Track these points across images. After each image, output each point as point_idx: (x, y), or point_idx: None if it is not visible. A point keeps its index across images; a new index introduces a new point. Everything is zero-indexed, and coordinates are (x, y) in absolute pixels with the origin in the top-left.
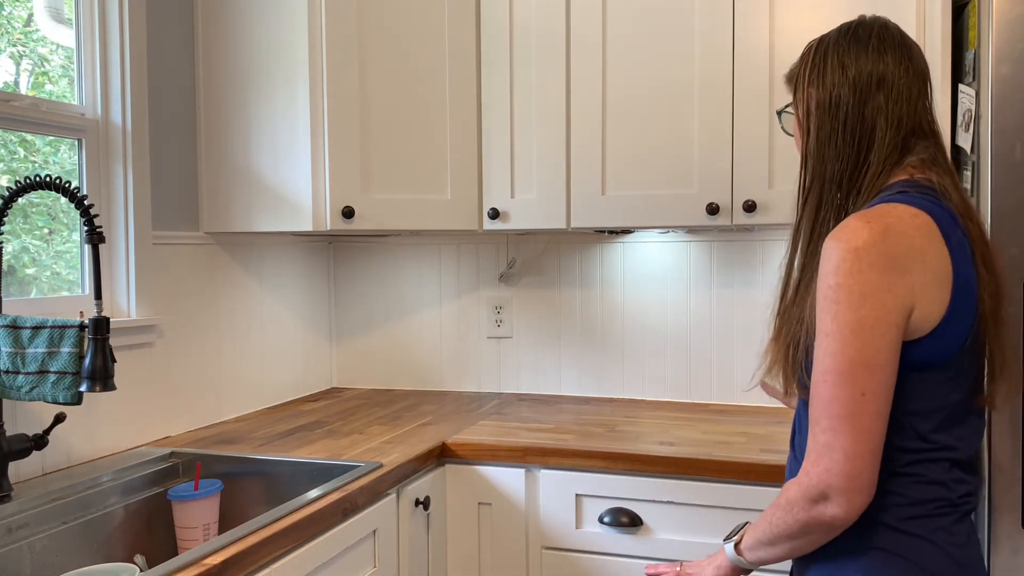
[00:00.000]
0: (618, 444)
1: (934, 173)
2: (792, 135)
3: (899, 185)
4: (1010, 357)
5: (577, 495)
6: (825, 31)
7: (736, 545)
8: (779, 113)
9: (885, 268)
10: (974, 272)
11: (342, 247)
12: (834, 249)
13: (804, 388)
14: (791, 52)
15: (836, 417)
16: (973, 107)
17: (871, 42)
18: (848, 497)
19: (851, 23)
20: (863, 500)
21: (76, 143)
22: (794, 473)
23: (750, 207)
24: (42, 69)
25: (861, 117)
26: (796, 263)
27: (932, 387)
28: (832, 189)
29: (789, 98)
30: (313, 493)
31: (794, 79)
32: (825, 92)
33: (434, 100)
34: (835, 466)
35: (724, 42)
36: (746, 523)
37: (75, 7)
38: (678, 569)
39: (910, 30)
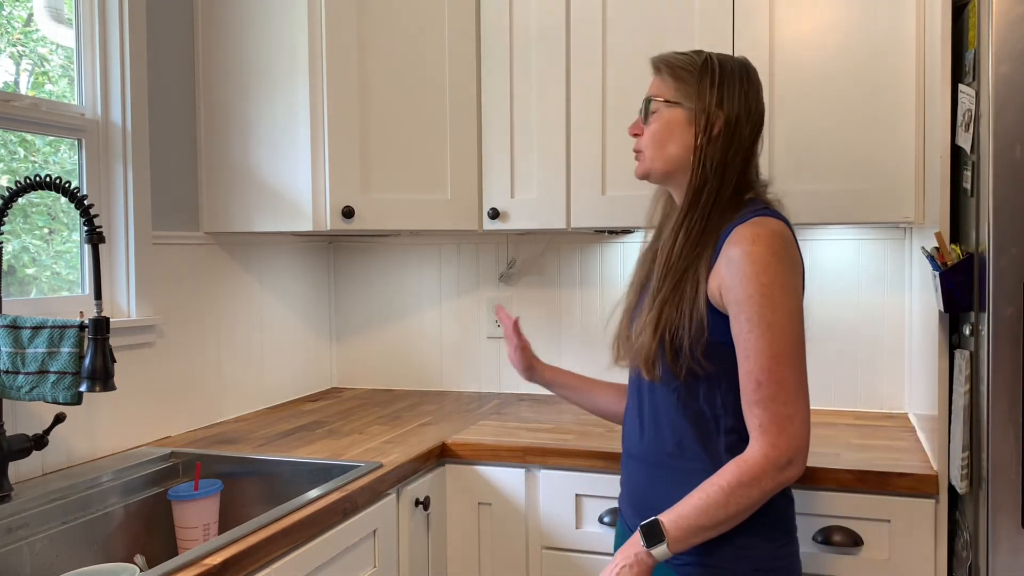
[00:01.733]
0: (618, 444)
1: (769, 196)
2: (649, 124)
3: (758, 202)
4: None
5: (577, 495)
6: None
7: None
8: (650, 100)
9: (792, 267)
10: None
11: (342, 247)
12: (757, 253)
13: (669, 372)
14: (791, 52)
15: (793, 392)
16: (973, 107)
17: (758, 86)
18: (805, 456)
19: (743, 60)
20: (807, 458)
21: (76, 143)
22: (656, 446)
23: None
24: (42, 69)
25: (750, 148)
26: (679, 258)
27: None
28: (722, 200)
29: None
30: (313, 493)
31: (691, 82)
32: (732, 114)
33: (434, 100)
34: (799, 432)
35: (724, 42)
36: (653, 520)
37: (75, 7)
38: None
39: (910, 30)
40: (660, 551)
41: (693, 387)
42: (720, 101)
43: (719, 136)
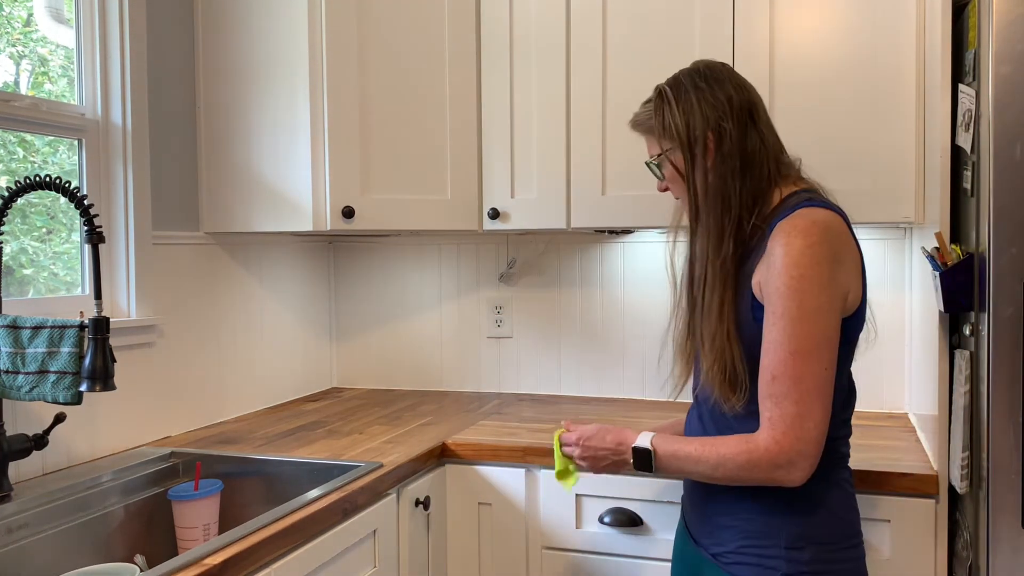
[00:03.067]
0: None
1: (807, 183)
2: (663, 178)
3: (802, 194)
4: None
5: (577, 495)
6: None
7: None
8: (649, 164)
9: (831, 260)
10: None
11: (342, 247)
12: (791, 245)
13: (737, 384)
14: (791, 52)
15: (808, 391)
16: (973, 107)
17: (722, 77)
18: (811, 462)
19: (695, 64)
20: (816, 464)
21: (76, 143)
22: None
23: None
24: (42, 69)
25: (743, 141)
26: (709, 272)
27: (844, 360)
28: (737, 212)
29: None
30: (313, 493)
31: (658, 126)
32: (707, 124)
33: (434, 100)
34: (806, 434)
35: (724, 42)
36: (648, 450)
37: (75, 7)
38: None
39: (910, 30)
40: (644, 438)
41: (754, 393)
42: (687, 116)
43: (712, 151)
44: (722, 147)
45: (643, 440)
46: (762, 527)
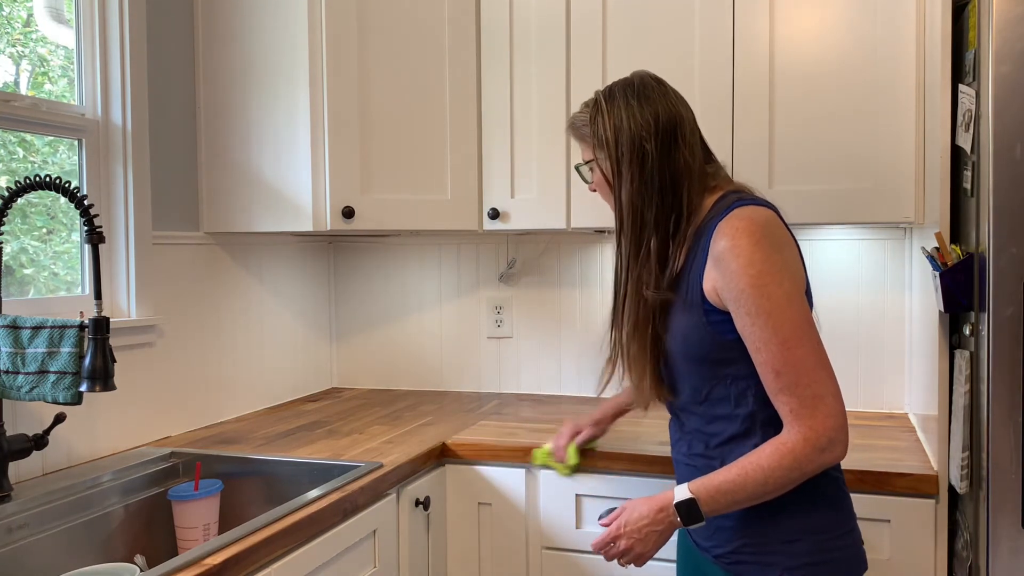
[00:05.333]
0: (618, 444)
1: (734, 184)
2: (590, 181)
3: (731, 194)
4: None
5: (577, 495)
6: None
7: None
8: (578, 168)
9: (778, 249)
10: None
11: (342, 247)
12: (740, 246)
13: (659, 390)
14: (791, 51)
15: (812, 371)
16: (973, 107)
17: (654, 92)
18: (846, 432)
19: (634, 74)
20: (848, 431)
21: (76, 143)
22: (703, 460)
23: None
24: (42, 69)
25: (668, 156)
26: (630, 289)
27: None
28: (652, 230)
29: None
30: (313, 493)
31: (589, 133)
32: (631, 136)
33: (434, 100)
34: (832, 409)
35: (724, 41)
36: (691, 499)
37: (75, 7)
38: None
39: (910, 30)
40: (696, 527)
41: (720, 395)
42: (616, 132)
43: (636, 170)
44: (644, 167)
45: (681, 493)
46: (758, 524)
